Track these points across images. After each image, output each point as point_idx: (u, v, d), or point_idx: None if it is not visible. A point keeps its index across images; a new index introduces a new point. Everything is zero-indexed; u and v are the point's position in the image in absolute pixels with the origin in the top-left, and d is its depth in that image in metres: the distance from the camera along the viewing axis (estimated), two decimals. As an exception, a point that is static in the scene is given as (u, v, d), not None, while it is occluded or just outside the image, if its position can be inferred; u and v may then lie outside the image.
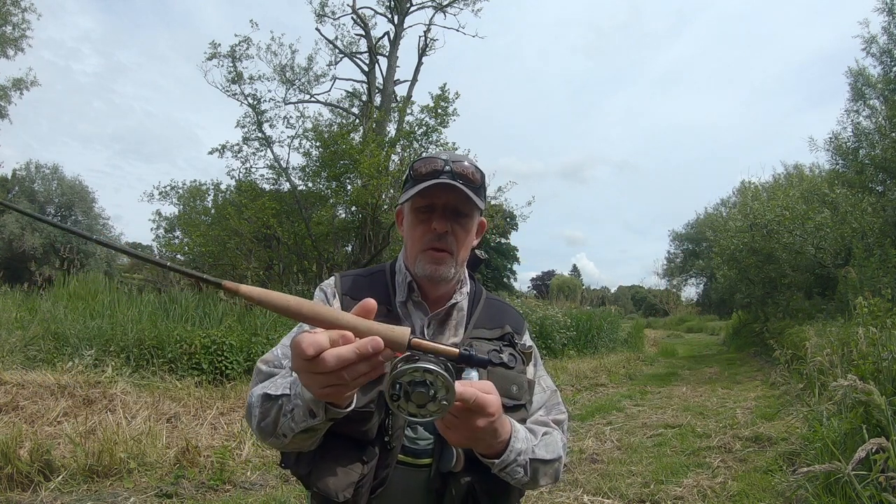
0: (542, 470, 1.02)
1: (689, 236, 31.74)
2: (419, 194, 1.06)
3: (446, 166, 1.07)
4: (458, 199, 1.07)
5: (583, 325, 11.67)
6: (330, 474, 0.96)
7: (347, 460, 0.97)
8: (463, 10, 15.90)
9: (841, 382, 2.54)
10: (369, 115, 12.58)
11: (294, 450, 0.97)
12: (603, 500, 3.46)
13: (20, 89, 19.40)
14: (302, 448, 0.95)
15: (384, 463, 1.00)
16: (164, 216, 15.05)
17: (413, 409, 0.73)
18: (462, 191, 1.05)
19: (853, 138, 11.41)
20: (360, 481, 0.97)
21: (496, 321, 1.17)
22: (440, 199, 1.07)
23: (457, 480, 1.00)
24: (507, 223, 17.84)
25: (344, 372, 0.68)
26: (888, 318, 4.03)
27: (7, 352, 4.98)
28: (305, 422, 0.84)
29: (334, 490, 0.95)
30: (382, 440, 1.01)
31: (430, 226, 1.08)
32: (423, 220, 1.09)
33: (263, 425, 0.92)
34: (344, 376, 0.69)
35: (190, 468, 3.57)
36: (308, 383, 0.75)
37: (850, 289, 7.60)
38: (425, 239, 1.09)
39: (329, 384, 0.71)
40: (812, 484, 2.96)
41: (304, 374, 0.73)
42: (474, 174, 1.08)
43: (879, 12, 11.71)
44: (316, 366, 0.68)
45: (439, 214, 1.07)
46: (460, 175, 1.06)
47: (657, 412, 6.22)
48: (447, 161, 1.08)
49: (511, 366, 1.03)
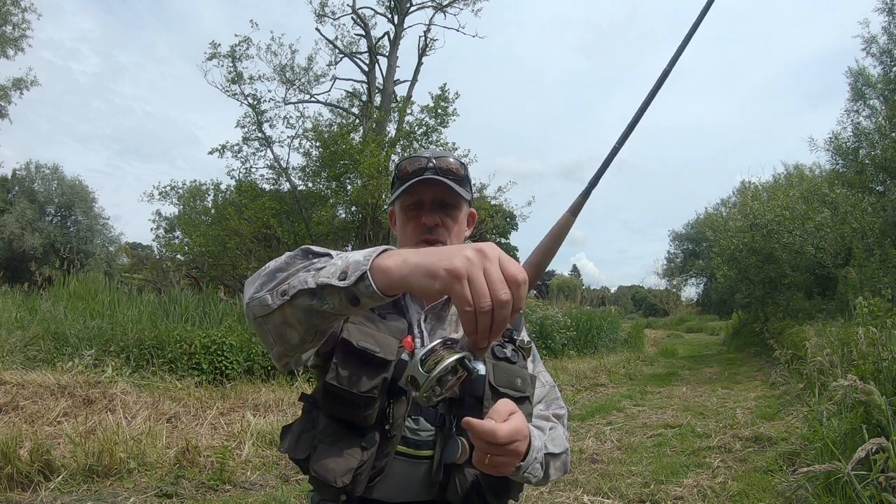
0: (553, 464, 1.04)
1: (689, 236, 31.74)
2: (406, 192, 1.12)
3: (429, 163, 1.12)
4: (444, 192, 1.12)
5: (583, 326, 11.66)
6: (329, 459, 0.96)
7: (347, 445, 0.97)
8: (463, 10, 15.91)
9: (841, 382, 2.54)
10: (369, 115, 12.59)
11: (268, 328, 0.83)
12: (603, 500, 3.45)
13: (20, 89, 19.41)
14: (282, 334, 0.83)
15: (384, 451, 1.00)
16: (164, 216, 15.06)
17: (435, 395, 0.74)
18: (447, 184, 1.10)
19: (853, 138, 11.41)
20: (358, 468, 0.96)
21: None
22: (427, 194, 1.12)
23: (461, 473, 1.00)
24: (508, 223, 17.85)
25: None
26: (888, 318, 4.03)
27: (7, 352, 4.98)
28: (329, 279, 0.73)
29: (333, 475, 0.94)
30: (383, 428, 1.00)
31: (420, 221, 1.12)
32: (412, 217, 1.14)
33: (275, 273, 0.81)
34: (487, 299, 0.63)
35: (190, 468, 3.57)
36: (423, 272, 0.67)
37: (850, 289, 7.60)
38: (417, 233, 1.13)
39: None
40: (812, 484, 2.96)
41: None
42: (458, 168, 1.14)
43: (879, 12, 11.72)
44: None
45: (428, 209, 1.12)
46: (443, 170, 1.12)
47: (657, 412, 6.22)
48: (430, 158, 1.13)
49: (514, 360, 1.08)
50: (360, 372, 0.95)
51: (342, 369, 0.95)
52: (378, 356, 0.96)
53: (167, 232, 15.06)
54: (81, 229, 24.72)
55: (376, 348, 0.97)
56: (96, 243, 24.93)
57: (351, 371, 0.95)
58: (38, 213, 23.39)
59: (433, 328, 1.14)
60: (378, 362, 0.96)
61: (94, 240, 24.99)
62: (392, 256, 0.71)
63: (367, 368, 0.95)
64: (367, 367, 0.95)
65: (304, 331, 0.81)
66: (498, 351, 1.08)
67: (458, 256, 0.65)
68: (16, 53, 18.86)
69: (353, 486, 0.96)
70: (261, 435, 4.17)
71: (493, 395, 1.02)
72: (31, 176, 24.51)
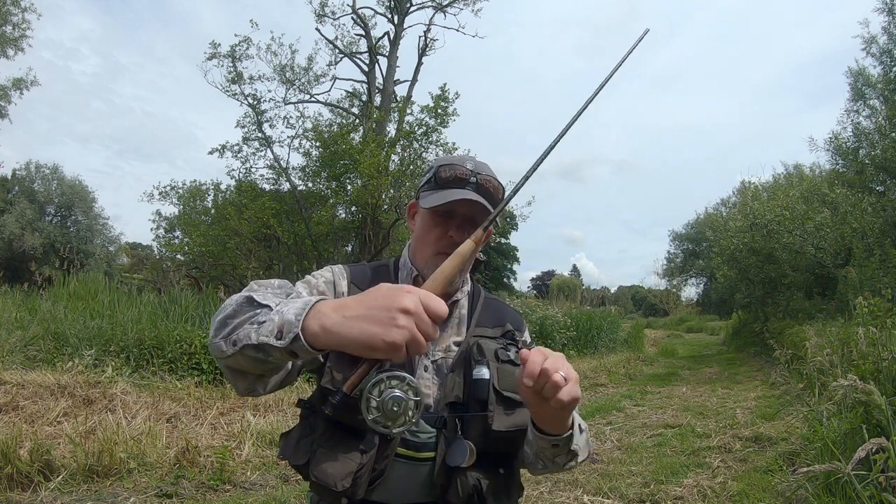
0: (586, 436, 1.06)
1: (689, 236, 31.74)
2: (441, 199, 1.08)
3: (472, 177, 1.07)
4: (478, 211, 1.07)
5: (583, 326, 11.66)
6: (328, 463, 0.96)
7: (346, 449, 0.97)
8: (463, 10, 15.90)
9: (841, 382, 2.53)
10: (369, 115, 12.58)
11: (230, 369, 0.89)
12: (603, 500, 3.45)
13: (20, 89, 19.40)
14: (236, 378, 0.90)
15: (383, 453, 1.00)
16: (164, 216, 15.04)
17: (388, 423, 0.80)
18: (484, 205, 1.06)
19: (853, 138, 11.41)
20: (358, 471, 0.96)
21: (497, 320, 1.19)
22: (462, 207, 1.07)
23: (463, 475, 1.00)
24: (508, 223, 17.85)
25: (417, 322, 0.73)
26: (888, 318, 4.03)
27: (7, 352, 4.98)
28: (268, 339, 0.77)
29: (332, 479, 0.95)
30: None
31: (447, 232, 1.09)
32: (439, 224, 1.10)
33: (226, 320, 0.85)
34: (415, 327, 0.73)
35: (190, 468, 3.57)
36: (360, 324, 0.74)
37: (850, 289, 7.60)
38: (440, 244, 1.09)
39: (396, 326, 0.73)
40: (812, 484, 2.96)
41: (375, 316, 0.74)
42: (497, 188, 1.10)
43: (879, 12, 11.72)
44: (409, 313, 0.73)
45: (458, 223, 1.08)
46: (484, 188, 1.08)
47: (657, 412, 6.22)
48: (473, 172, 1.08)
49: (517, 363, 1.07)
50: (352, 374, 0.96)
51: (336, 372, 0.96)
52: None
53: (167, 232, 15.03)
54: (81, 229, 24.74)
55: None
56: (96, 243, 24.94)
57: (344, 374, 0.95)
58: (38, 213, 23.40)
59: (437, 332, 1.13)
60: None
61: (94, 240, 25.00)
62: (326, 315, 0.76)
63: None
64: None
65: (260, 371, 0.88)
66: (502, 354, 1.08)
67: (394, 329, 0.72)
68: (16, 53, 18.86)
69: (353, 489, 0.96)
70: (261, 435, 4.17)
71: (498, 398, 1.02)
72: (31, 176, 24.51)
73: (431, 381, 1.08)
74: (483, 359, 1.06)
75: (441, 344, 1.12)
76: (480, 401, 1.01)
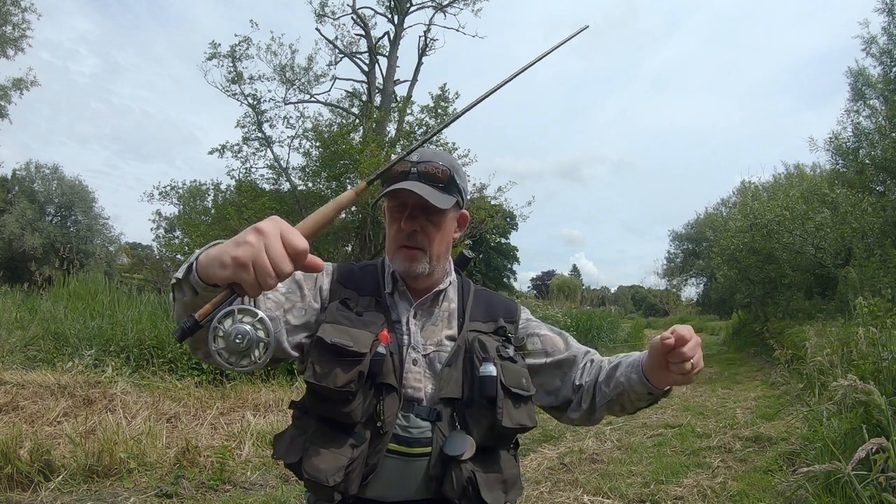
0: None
1: (689, 236, 31.68)
2: (390, 194, 1.11)
3: (413, 168, 1.10)
4: (424, 199, 1.09)
5: (583, 326, 11.69)
6: (319, 459, 0.97)
7: (336, 444, 0.98)
8: (463, 10, 15.91)
9: (841, 382, 2.53)
10: (369, 115, 12.58)
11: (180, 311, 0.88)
12: (603, 500, 3.45)
13: (20, 89, 19.38)
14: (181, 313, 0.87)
15: (375, 448, 1.00)
16: (164, 216, 15.04)
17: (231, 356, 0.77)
18: (427, 190, 1.08)
19: (853, 138, 11.41)
20: (349, 465, 0.97)
21: (489, 314, 1.20)
22: (410, 198, 1.10)
23: (458, 468, 1.00)
24: (507, 223, 17.85)
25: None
26: (888, 318, 4.02)
27: (7, 352, 4.98)
28: (178, 273, 0.83)
29: (324, 474, 0.95)
30: (374, 424, 1.01)
31: (401, 225, 1.12)
32: (396, 219, 1.13)
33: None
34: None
35: (190, 468, 3.57)
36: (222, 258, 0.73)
37: (850, 289, 7.59)
38: (398, 237, 1.12)
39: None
40: (812, 484, 2.96)
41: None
42: (443, 172, 1.11)
43: (879, 12, 11.70)
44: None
45: (408, 214, 1.11)
46: (426, 175, 1.10)
47: (657, 412, 6.22)
48: (416, 163, 1.11)
49: (516, 360, 1.10)
50: (334, 367, 0.97)
51: (318, 366, 0.97)
52: (351, 349, 0.97)
53: (167, 232, 15.03)
54: (81, 229, 24.71)
55: (349, 343, 0.98)
56: (96, 243, 24.91)
57: (326, 367, 0.97)
58: (38, 213, 23.37)
59: (424, 324, 1.14)
60: (351, 356, 0.97)
61: (94, 240, 24.97)
62: (211, 249, 0.78)
63: (341, 363, 0.97)
64: (342, 362, 0.97)
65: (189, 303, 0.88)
66: (503, 351, 1.09)
67: (243, 245, 0.71)
68: (16, 53, 18.83)
69: (345, 484, 0.96)
70: (261, 435, 4.17)
71: (505, 394, 1.03)
72: (31, 176, 24.49)
73: (423, 374, 1.08)
74: (488, 356, 1.07)
75: (432, 337, 1.13)
76: (488, 397, 1.02)
